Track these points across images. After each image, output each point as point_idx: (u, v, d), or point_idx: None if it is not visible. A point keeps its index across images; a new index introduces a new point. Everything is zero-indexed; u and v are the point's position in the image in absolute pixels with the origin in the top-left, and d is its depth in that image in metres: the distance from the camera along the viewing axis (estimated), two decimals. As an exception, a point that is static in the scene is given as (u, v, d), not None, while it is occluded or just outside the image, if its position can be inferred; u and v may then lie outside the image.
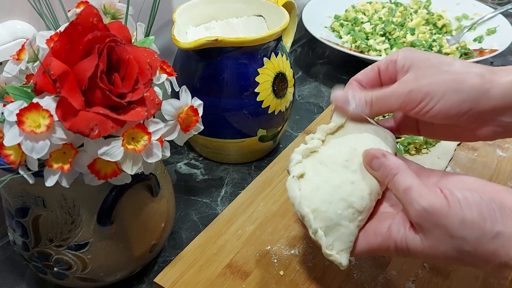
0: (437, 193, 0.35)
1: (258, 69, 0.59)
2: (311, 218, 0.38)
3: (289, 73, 0.63)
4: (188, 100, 0.41)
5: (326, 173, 0.39)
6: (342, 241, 0.38)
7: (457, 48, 0.87)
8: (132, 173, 0.37)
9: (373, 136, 0.42)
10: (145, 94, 0.37)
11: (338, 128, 0.43)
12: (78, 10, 0.42)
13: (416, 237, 0.35)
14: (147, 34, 0.45)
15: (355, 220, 0.38)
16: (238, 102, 0.59)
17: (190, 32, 0.64)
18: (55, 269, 0.44)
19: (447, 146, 0.66)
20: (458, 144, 0.66)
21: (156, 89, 0.40)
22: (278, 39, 0.60)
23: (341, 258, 0.38)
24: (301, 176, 0.39)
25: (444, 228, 0.34)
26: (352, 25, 0.96)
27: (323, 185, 0.39)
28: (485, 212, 0.33)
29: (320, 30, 0.93)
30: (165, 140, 0.39)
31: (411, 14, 0.96)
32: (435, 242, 0.35)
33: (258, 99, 0.60)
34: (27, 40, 0.39)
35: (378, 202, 0.41)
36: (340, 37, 0.94)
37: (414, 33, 0.90)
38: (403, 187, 0.36)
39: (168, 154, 0.40)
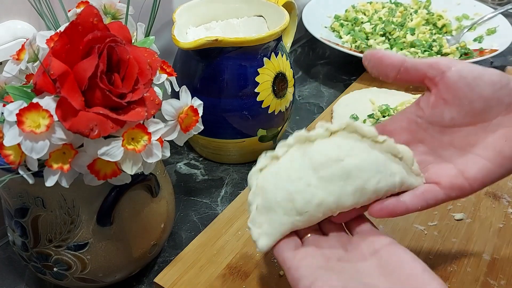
0: None
1: (258, 69, 0.59)
2: (254, 191, 0.39)
3: (289, 73, 0.63)
4: (188, 100, 0.41)
5: (295, 165, 0.39)
6: (270, 226, 0.38)
7: (457, 48, 0.87)
8: (132, 173, 0.37)
9: (371, 155, 0.38)
10: (145, 94, 0.37)
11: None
12: (78, 10, 0.42)
13: None
14: (147, 34, 0.45)
15: (290, 216, 0.38)
16: (238, 102, 0.59)
17: (190, 32, 0.64)
18: (55, 269, 0.44)
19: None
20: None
21: (156, 89, 0.40)
22: (278, 39, 0.60)
23: (260, 239, 0.38)
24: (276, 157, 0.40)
25: None
26: (352, 25, 0.96)
27: (281, 172, 0.39)
28: None
29: (320, 30, 0.93)
30: (165, 140, 0.39)
31: (411, 14, 0.96)
32: None
33: (258, 99, 0.60)
34: (27, 40, 0.39)
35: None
36: (340, 37, 0.94)
37: (414, 33, 0.90)
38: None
39: (168, 154, 0.40)
